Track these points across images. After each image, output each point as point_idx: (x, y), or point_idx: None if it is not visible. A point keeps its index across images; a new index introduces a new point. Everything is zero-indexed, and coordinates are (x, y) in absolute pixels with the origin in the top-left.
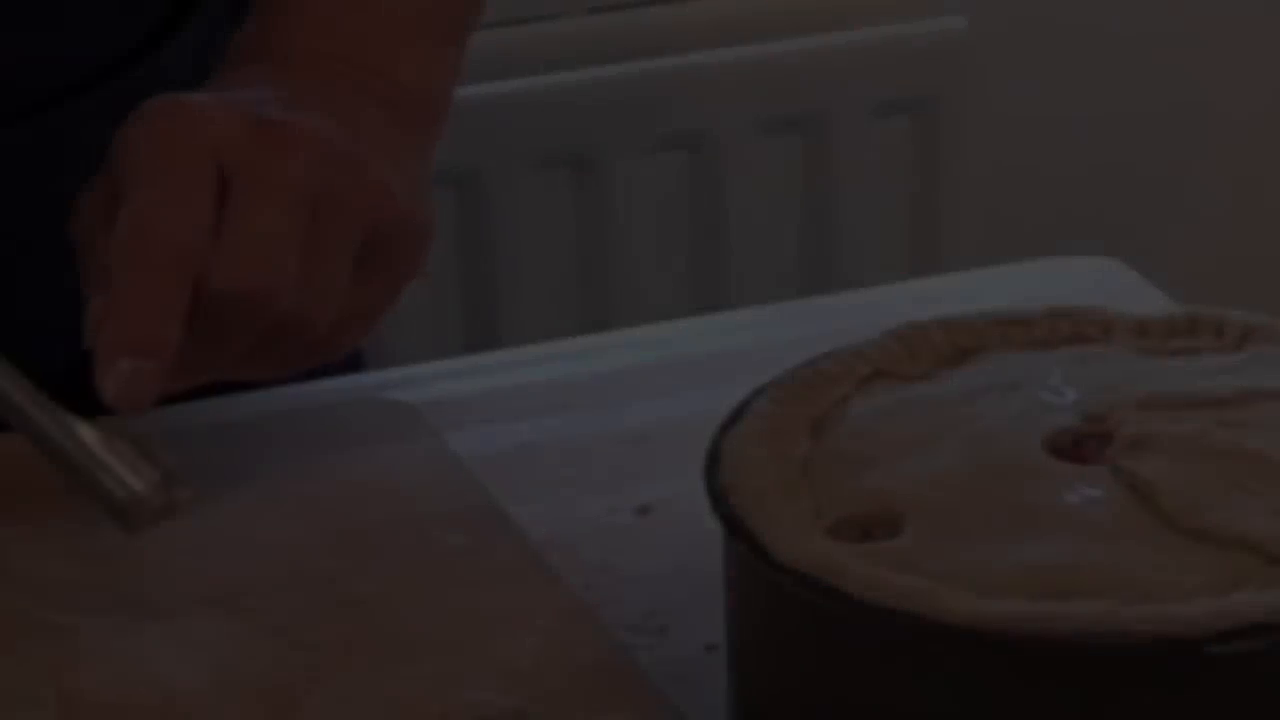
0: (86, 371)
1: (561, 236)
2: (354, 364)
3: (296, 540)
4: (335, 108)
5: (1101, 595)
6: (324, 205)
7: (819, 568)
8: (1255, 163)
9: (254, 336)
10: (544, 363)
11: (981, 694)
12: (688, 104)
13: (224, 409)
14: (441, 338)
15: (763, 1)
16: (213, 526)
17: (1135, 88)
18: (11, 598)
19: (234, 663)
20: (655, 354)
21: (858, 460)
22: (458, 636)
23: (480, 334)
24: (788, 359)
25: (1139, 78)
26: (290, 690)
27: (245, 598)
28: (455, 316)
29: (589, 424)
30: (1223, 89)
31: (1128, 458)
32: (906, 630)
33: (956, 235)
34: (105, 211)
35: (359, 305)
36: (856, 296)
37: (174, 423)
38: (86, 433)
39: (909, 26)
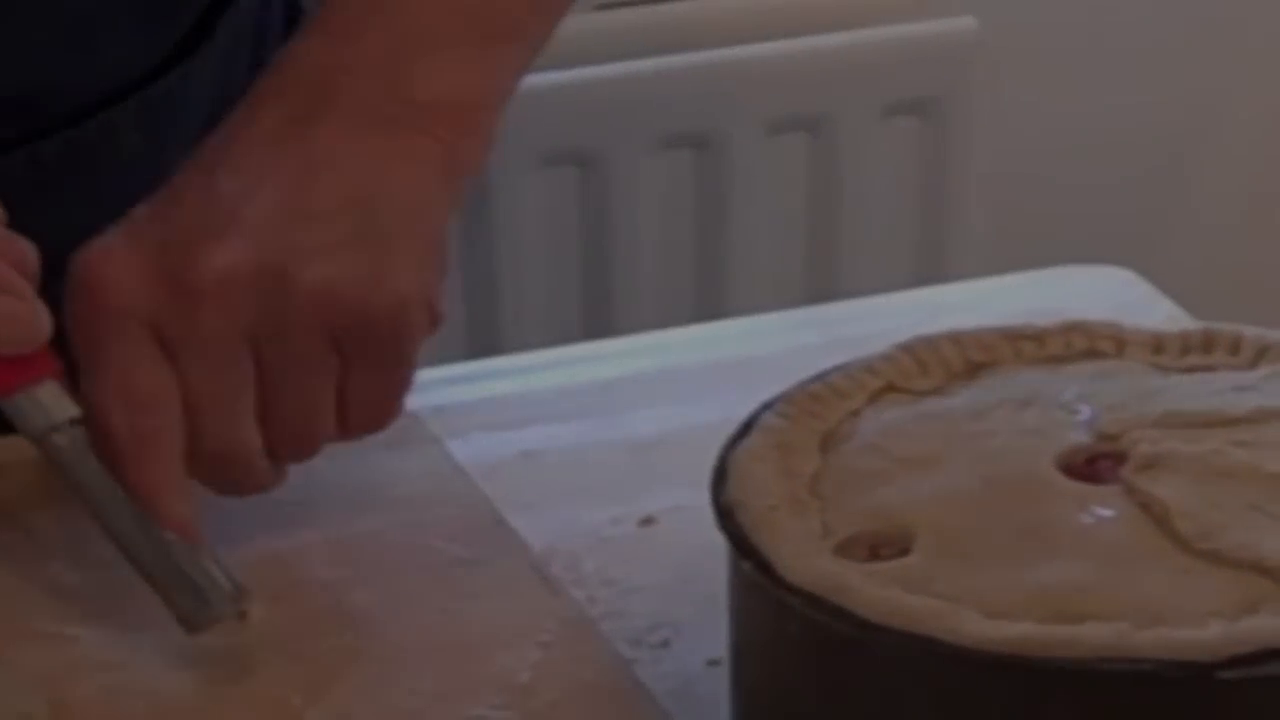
0: None
1: (565, 236)
2: None
3: (295, 550)
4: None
5: (1113, 618)
6: (262, 333)
7: (826, 587)
8: (1267, 170)
9: (260, 468)
10: (546, 369)
11: (991, 716)
12: (694, 103)
13: None
14: (443, 341)
15: (770, 1)
16: (209, 534)
17: (1145, 91)
18: (4, 607)
19: (230, 674)
20: (659, 361)
21: (867, 477)
22: (457, 649)
23: (483, 335)
24: (793, 367)
25: (1149, 81)
26: (287, 703)
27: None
28: (457, 319)
29: (592, 432)
30: (1234, 94)
31: (1142, 477)
32: (915, 653)
33: (963, 237)
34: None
35: (367, 391)
36: (863, 305)
37: None
38: (171, 542)
39: (917, 27)
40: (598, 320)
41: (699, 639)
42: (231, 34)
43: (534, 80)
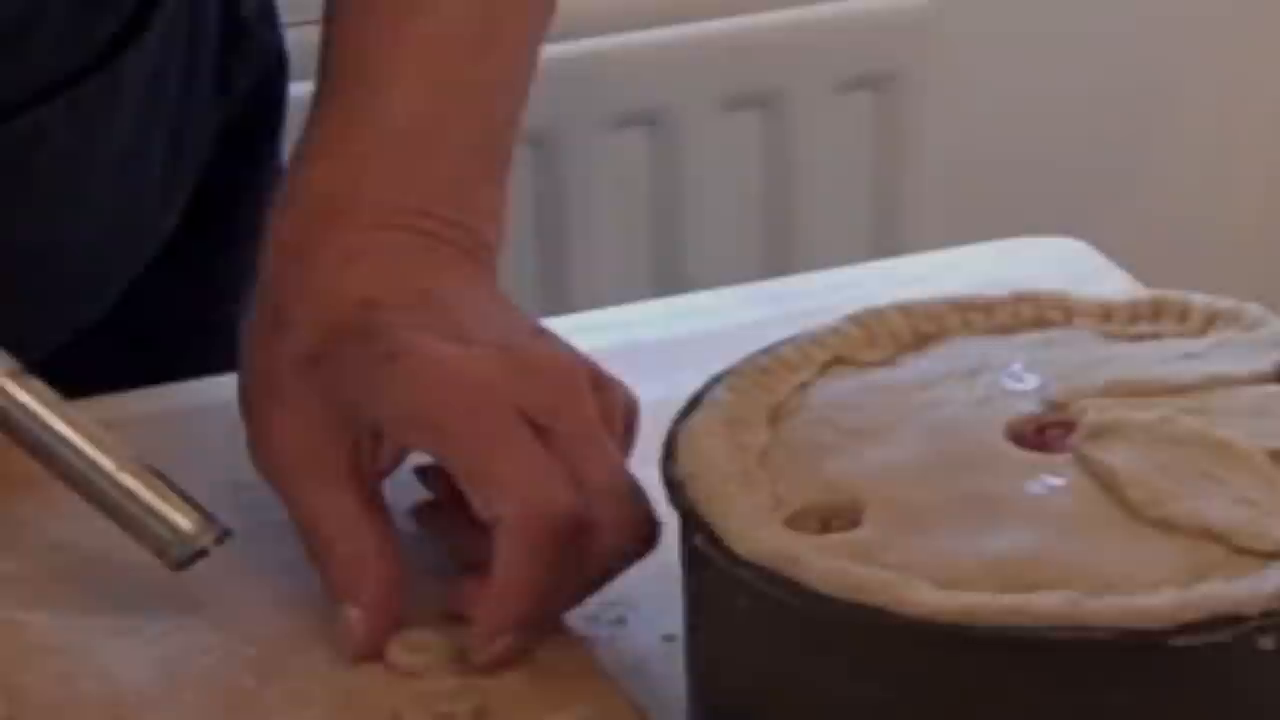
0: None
1: (521, 217)
2: None
3: (246, 533)
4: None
5: (1064, 587)
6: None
7: (777, 559)
8: (1220, 142)
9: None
10: None
11: (943, 687)
12: (647, 81)
13: (178, 396)
14: None
15: None
16: None
17: (1098, 63)
18: None
19: (182, 657)
20: (614, 338)
21: (817, 449)
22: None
23: None
24: (750, 342)
25: (1102, 53)
26: (240, 684)
27: (192, 591)
28: None
29: None
30: (1189, 67)
31: (1091, 446)
32: (866, 623)
33: (920, 211)
34: (325, 460)
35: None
36: (817, 279)
37: (128, 410)
38: (127, 476)
39: (870, 2)
40: (556, 299)
41: (654, 615)
42: (164, 32)
43: None
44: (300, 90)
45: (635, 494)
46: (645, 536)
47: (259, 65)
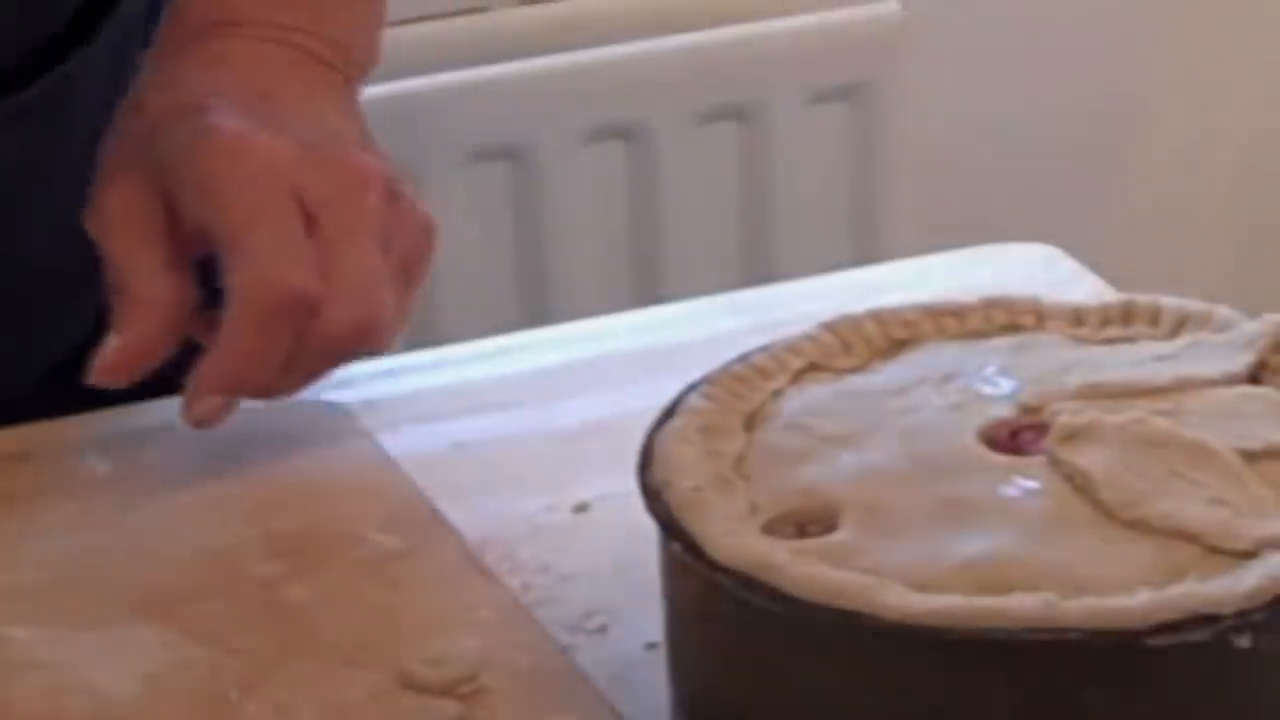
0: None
1: (497, 229)
2: None
3: (229, 546)
4: (310, 95)
5: (1040, 589)
6: (389, 236)
7: (754, 565)
8: (1191, 149)
9: (345, 362)
10: (477, 361)
11: (920, 690)
12: (621, 94)
13: (155, 414)
14: None
15: None
16: (143, 532)
17: (1071, 71)
18: None
19: (167, 671)
20: (591, 349)
21: (792, 456)
22: (395, 641)
23: (416, 331)
24: (724, 352)
25: (1075, 61)
26: (225, 698)
27: (178, 605)
28: None
29: (524, 422)
30: (1160, 74)
31: (1064, 448)
32: (843, 627)
33: (896, 221)
34: (138, 218)
35: (401, 314)
36: (792, 288)
37: (106, 428)
38: None
39: (843, 12)
40: (532, 313)
41: (636, 623)
42: (116, 41)
43: (463, 75)
44: None
45: (374, 295)
46: (372, 338)
47: None
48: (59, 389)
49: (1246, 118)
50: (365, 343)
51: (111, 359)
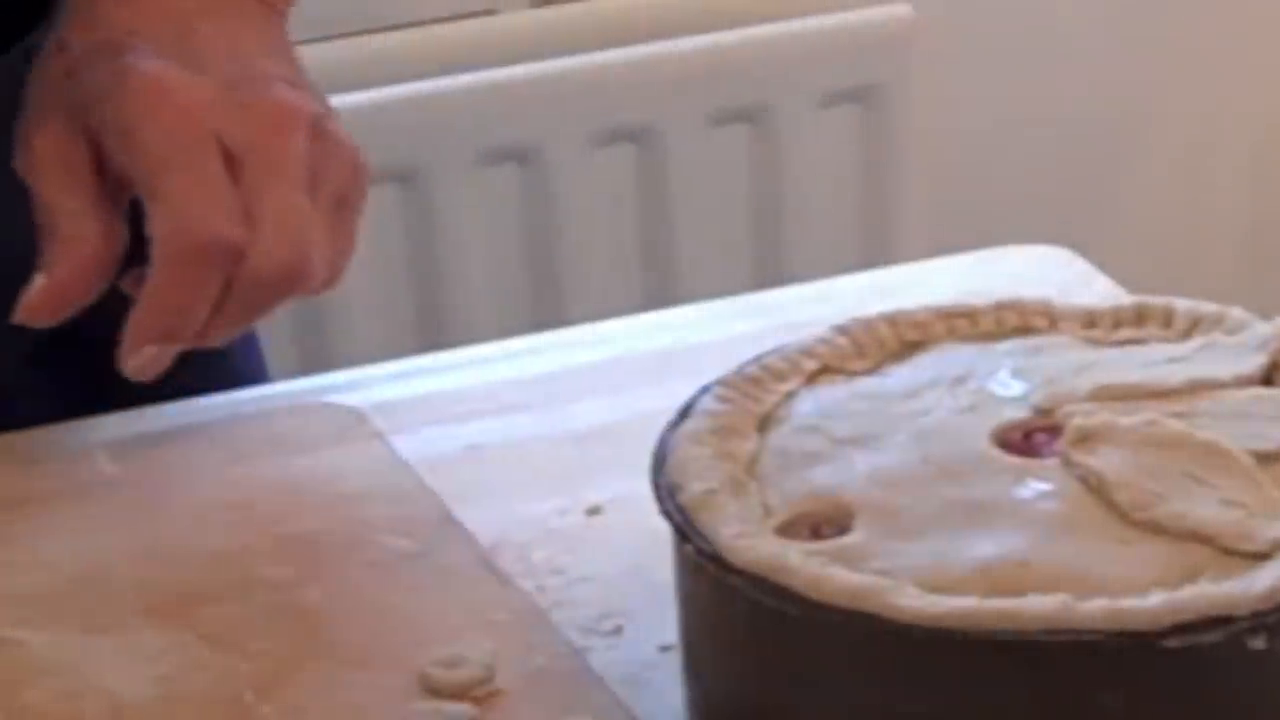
0: None
1: (507, 232)
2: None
3: (243, 549)
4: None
5: (1054, 590)
6: (317, 174)
7: (768, 568)
8: (1203, 150)
9: (277, 305)
10: (489, 363)
11: (935, 692)
12: (632, 97)
13: (167, 416)
14: (388, 338)
15: None
16: (157, 536)
17: (1083, 73)
18: None
19: (181, 675)
20: (602, 352)
21: (806, 458)
22: (408, 643)
23: (428, 334)
24: (737, 354)
25: (1086, 63)
26: (239, 701)
27: (192, 608)
28: (403, 316)
29: (536, 424)
30: (1171, 73)
31: (1078, 450)
32: (857, 630)
33: (907, 222)
34: (65, 159)
35: (340, 250)
36: (804, 290)
37: (117, 430)
38: None
39: (853, 16)
40: (544, 317)
41: (650, 625)
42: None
43: (474, 78)
44: None
45: (301, 236)
46: (301, 280)
47: None
48: (39, 368)
49: (1257, 118)
50: (295, 285)
51: (38, 298)
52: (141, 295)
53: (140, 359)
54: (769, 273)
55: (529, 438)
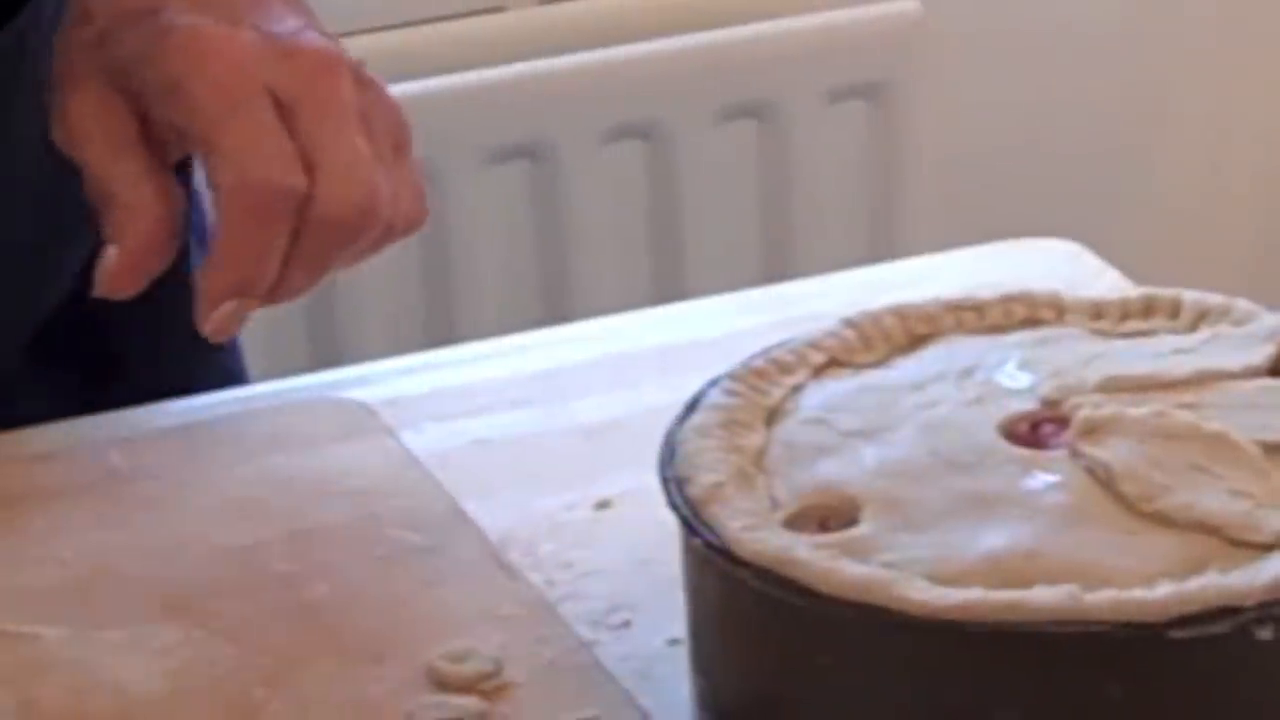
0: None
1: (517, 228)
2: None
3: (252, 544)
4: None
5: (1061, 582)
6: (368, 119)
7: (776, 560)
8: (1212, 144)
9: (351, 253)
10: (498, 358)
11: (943, 683)
12: (640, 93)
13: (177, 412)
14: (398, 334)
15: None
16: (167, 531)
17: (1091, 69)
18: None
19: (192, 669)
20: (610, 347)
21: (813, 450)
22: (418, 637)
23: (438, 329)
24: (744, 349)
25: (1095, 58)
26: (249, 696)
27: (201, 603)
28: (413, 311)
29: (545, 419)
30: (1180, 69)
31: (1086, 442)
32: (865, 622)
33: (914, 218)
34: (107, 125)
35: (415, 193)
36: (812, 284)
37: (127, 427)
38: None
39: (860, 11)
40: (554, 312)
41: (659, 619)
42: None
43: (482, 75)
44: None
45: (365, 175)
46: (371, 218)
47: None
48: (44, 353)
49: (1266, 113)
50: (366, 224)
51: (115, 269)
52: (210, 251)
53: (218, 318)
54: (776, 267)
55: (537, 432)
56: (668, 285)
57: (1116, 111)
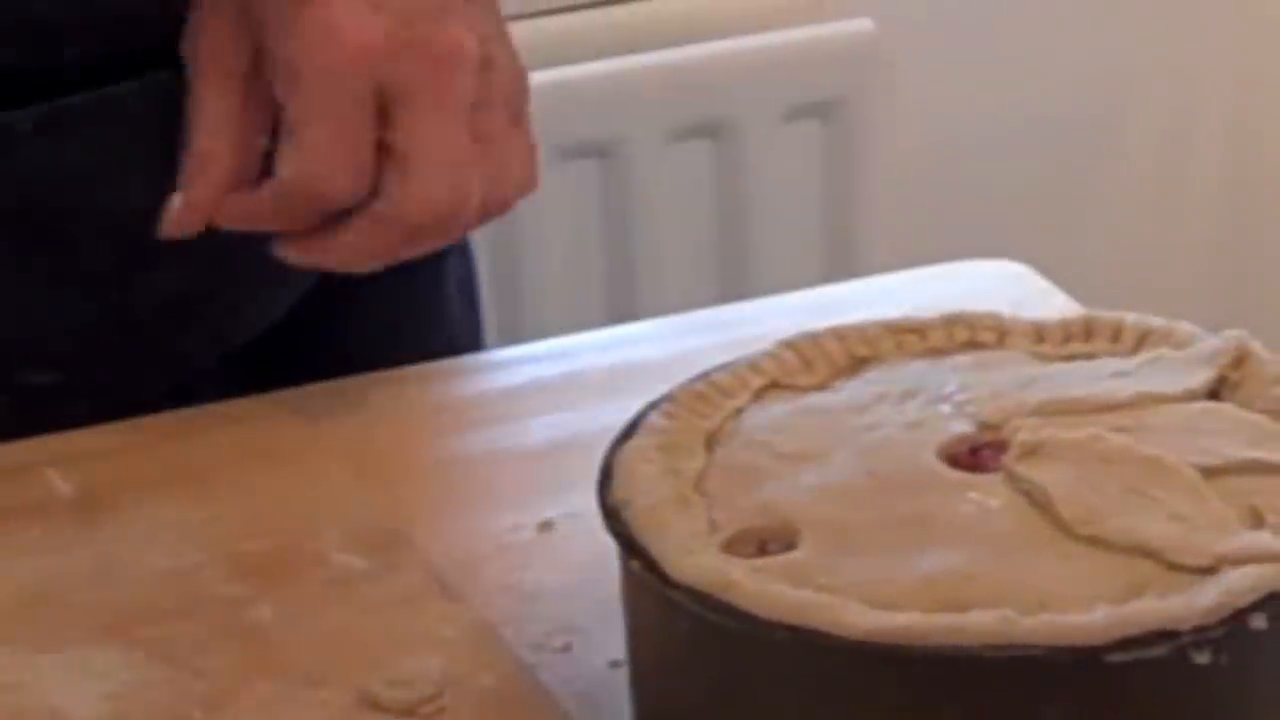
0: None
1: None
2: None
3: (193, 566)
4: None
5: (999, 605)
6: (481, 105)
7: (713, 583)
8: (1164, 167)
9: (434, 244)
10: (444, 379)
11: (880, 708)
12: (594, 111)
13: (118, 433)
14: None
15: (669, 7)
16: (108, 554)
17: (1045, 89)
18: None
19: (131, 692)
20: (558, 367)
21: (752, 473)
22: (359, 661)
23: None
24: (694, 369)
25: (1049, 80)
26: (188, 718)
27: (142, 626)
28: None
29: (491, 440)
30: (1134, 92)
31: (1023, 465)
32: (802, 645)
33: (870, 237)
34: (220, 62)
35: (529, 158)
36: (762, 305)
37: (68, 448)
38: None
39: (815, 30)
40: (506, 330)
41: (600, 641)
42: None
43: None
44: None
45: (457, 175)
46: (451, 218)
47: None
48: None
49: (1221, 136)
50: (445, 230)
51: (178, 216)
52: (242, 199)
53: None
54: (732, 286)
55: (483, 454)
56: (621, 304)
57: (1071, 132)
